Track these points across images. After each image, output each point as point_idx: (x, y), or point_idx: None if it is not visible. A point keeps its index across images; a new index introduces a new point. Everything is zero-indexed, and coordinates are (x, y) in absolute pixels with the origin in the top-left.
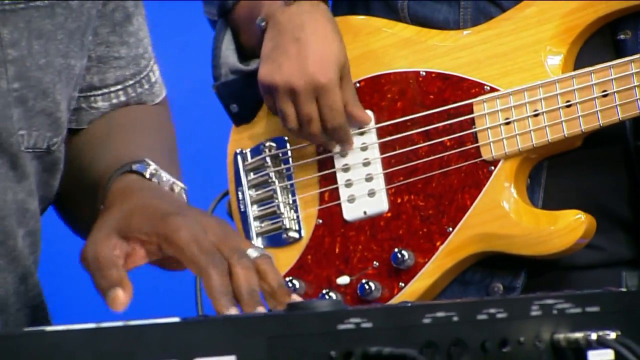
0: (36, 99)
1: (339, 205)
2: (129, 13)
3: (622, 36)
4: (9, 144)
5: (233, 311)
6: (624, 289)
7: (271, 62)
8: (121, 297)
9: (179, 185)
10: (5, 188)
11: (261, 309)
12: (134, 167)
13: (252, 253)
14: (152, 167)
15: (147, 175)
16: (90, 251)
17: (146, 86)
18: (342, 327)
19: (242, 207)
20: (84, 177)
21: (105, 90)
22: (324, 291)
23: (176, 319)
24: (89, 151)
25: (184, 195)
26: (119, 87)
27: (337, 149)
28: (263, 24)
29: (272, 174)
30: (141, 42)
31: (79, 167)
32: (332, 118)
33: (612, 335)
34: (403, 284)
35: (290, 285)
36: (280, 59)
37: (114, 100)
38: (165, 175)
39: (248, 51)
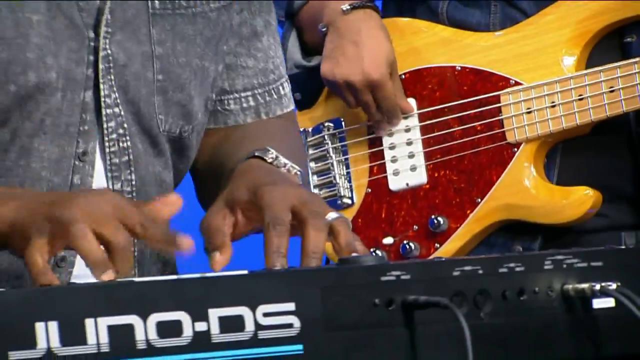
0: (174, 91)
1: (386, 177)
2: (256, 31)
3: (628, 39)
4: (150, 125)
5: (278, 266)
6: (623, 247)
7: (332, 61)
8: (218, 259)
9: (295, 168)
10: (147, 162)
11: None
12: (257, 152)
13: (330, 216)
14: (274, 153)
15: (268, 159)
16: (204, 221)
17: (275, 96)
18: (384, 278)
19: None
20: (217, 171)
21: (236, 95)
22: (371, 250)
23: (245, 272)
24: (225, 151)
25: (298, 177)
26: (247, 93)
27: (388, 130)
28: (324, 29)
29: (329, 150)
30: (270, 59)
31: (214, 162)
32: (386, 105)
33: (613, 286)
34: (438, 245)
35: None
36: (339, 58)
37: (244, 105)
38: (283, 160)
39: (310, 49)
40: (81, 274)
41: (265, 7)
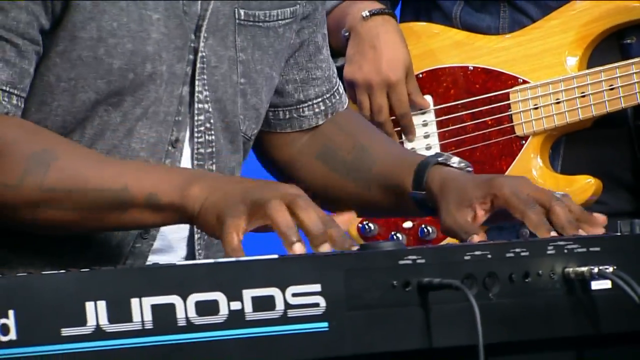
0: (251, 95)
1: None
2: (318, 45)
3: (628, 40)
4: (233, 123)
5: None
6: (619, 234)
7: (353, 63)
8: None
9: (467, 165)
10: (226, 156)
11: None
12: (441, 159)
13: (558, 195)
14: (454, 159)
15: (449, 162)
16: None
17: (337, 97)
18: (402, 262)
19: None
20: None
21: (310, 103)
22: (392, 233)
23: (275, 256)
24: (346, 152)
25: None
26: (319, 99)
27: (403, 133)
28: (347, 34)
29: None
30: (330, 65)
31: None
32: (399, 107)
33: (610, 269)
34: None
35: (367, 227)
36: (360, 61)
37: (316, 109)
38: (456, 159)
39: (335, 51)
40: (159, 247)
41: (322, 22)
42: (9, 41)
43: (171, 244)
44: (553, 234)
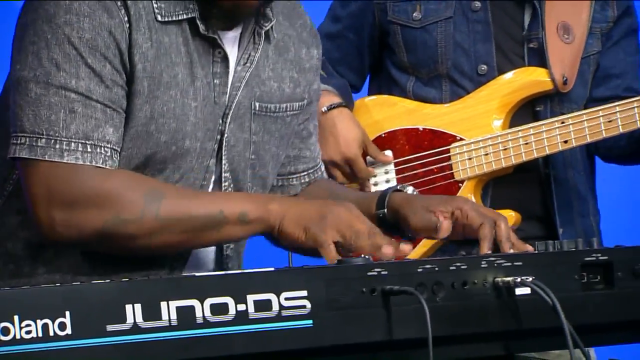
0: (259, 168)
1: None
2: (310, 132)
3: (538, 108)
4: (243, 187)
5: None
6: (536, 252)
7: (322, 148)
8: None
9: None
10: None
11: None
12: (399, 187)
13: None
14: (408, 187)
15: (410, 192)
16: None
17: (319, 173)
18: (369, 273)
19: None
20: None
21: (298, 175)
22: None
23: (272, 269)
24: (324, 198)
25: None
26: (304, 173)
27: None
28: None
29: None
30: (317, 148)
31: None
32: (360, 174)
33: (530, 279)
34: None
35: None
36: (326, 147)
37: (302, 180)
38: (410, 188)
39: None
40: (192, 264)
41: (314, 114)
42: (115, 110)
43: (201, 263)
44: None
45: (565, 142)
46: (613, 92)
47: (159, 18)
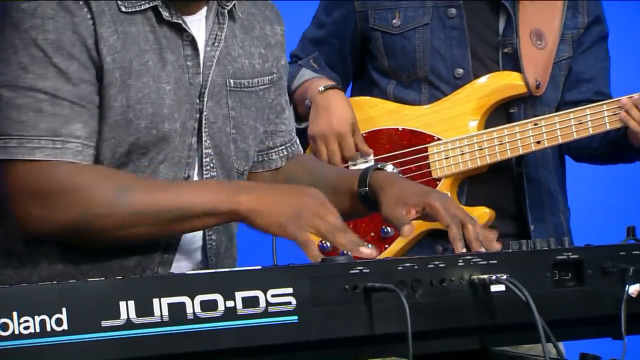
0: (241, 142)
1: None
2: (283, 107)
3: (512, 110)
4: (227, 162)
5: (461, 246)
6: (510, 250)
7: (314, 123)
8: (407, 229)
9: (397, 171)
10: None
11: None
12: (379, 165)
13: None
14: (388, 165)
15: (390, 170)
16: (386, 215)
17: (295, 146)
18: (352, 271)
19: None
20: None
21: (276, 149)
22: (342, 250)
23: (259, 267)
24: (299, 177)
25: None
26: (282, 147)
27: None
28: (309, 103)
29: None
30: (291, 123)
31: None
32: (347, 152)
33: (504, 276)
34: (387, 246)
35: (325, 244)
36: (318, 121)
37: (281, 154)
38: (390, 166)
39: (301, 116)
40: (181, 255)
41: (284, 89)
42: (83, 106)
43: (190, 253)
44: (463, 249)
45: (538, 142)
46: (584, 95)
47: (123, 9)
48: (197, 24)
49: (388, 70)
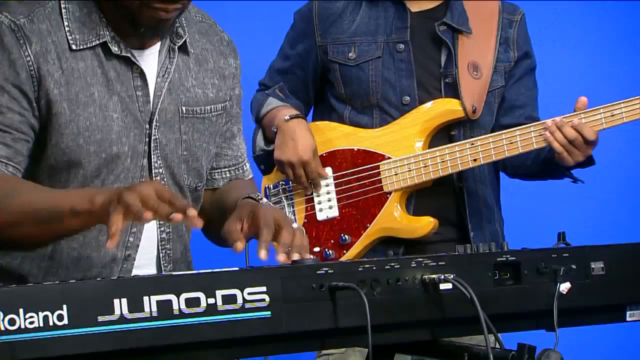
0: (193, 162)
1: (314, 213)
2: (234, 133)
3: (453, 132)
4: (180, 180)
5: (264, 254)
6: (456, 253)
7: (280, 149)
8: (239, 246)
9: (269, 202)
10: None
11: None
12: (250, 195)
13: (295, 225)
14: (259, 195)
15: (257, 198)
16: (226, 227)
17: (241, 172)
18: (319, 272)
19: None
20: (222, 211)
21: (219, 170)
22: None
23: (237, 268)
24: (223, 198)
25: (271, 205)
26: (225, 169)
27: (314, 191)
28: (275, 130)
29: (282, 198)
30: (240, 150)
31: (218, 207)
32: (311, 175)
33: (452, 276)
34: (345, 252)
35: (328, 252)
36: (284, 148)
37: (224, 175)
38: (264, 199)
39: (269, 140)
40: (138, 264)
41: (237, 117)
42: (6, 132)
43: (145, 262)
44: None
45: (475, 160)
46: (517, 120)
47: (74, 47)
48: (150, 57)
49: (345, 97)
